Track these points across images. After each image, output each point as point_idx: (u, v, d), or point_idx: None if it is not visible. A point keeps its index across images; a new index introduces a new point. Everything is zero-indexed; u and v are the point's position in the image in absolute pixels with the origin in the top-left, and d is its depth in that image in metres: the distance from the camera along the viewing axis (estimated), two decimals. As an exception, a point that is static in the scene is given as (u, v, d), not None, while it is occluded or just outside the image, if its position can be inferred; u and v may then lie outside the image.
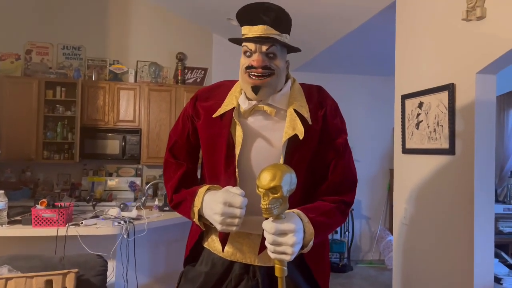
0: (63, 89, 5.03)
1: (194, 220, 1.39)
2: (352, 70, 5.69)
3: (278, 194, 1.13)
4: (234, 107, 1.39)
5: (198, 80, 5.55)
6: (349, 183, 1.43)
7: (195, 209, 1.35)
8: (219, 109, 1.41)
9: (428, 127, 2.50)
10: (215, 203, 1.26)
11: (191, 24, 5.58)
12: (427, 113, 2.51)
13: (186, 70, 5.53)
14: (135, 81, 5.36)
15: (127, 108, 5.15)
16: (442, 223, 2.34)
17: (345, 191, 1.41)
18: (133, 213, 3.05)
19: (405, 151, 2.73)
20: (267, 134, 1.38)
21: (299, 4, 3.58)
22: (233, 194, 1.24)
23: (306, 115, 1.36)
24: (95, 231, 2.74)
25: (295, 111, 1.36)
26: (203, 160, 1.51)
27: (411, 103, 2.68)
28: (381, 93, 5.79)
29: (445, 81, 2.33)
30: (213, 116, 1.40)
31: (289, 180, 1.15)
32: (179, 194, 1.46)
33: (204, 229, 1.42)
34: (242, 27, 1.35)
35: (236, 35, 1.40)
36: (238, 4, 1.35)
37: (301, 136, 1.32)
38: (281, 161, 1.33)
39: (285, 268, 1.19)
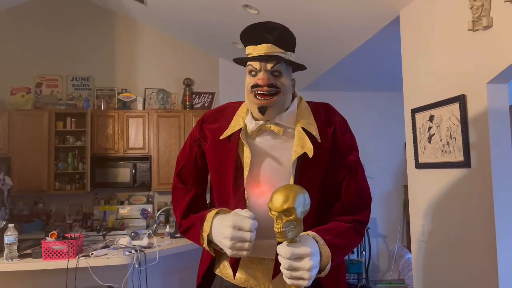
0: (73, 119, 5.08)
1: (203, 246, 1.35)
2: (359, 88, 5.67)
3: (292, 217, 1.08)
4: (241, 128, 1.36)
5: (206, 104, 5.57)
6: (364, 202, 1.38)
7: (204, 235, 1.31)
8: (226, 131, 1.38)
9: (440, 140, 2.44)
10: (224, 227, 1.22)
11: (197, 50, 5.64)
12: (439, 126, 2.45)
13: (194, 95, 5.56)
14: (144, 108, 5.39)
15: (137, 135, 5.17)
16: (462, 238, 2.26)
17: (360, 210, 1.35)
18: (144, 241, 3.00)
19: (419, 166, 2.66)
20: (276, 153, 1.34)
21: (302, 26, 3.60)
22: (242, 217, 1.20)
23: (315, 132, 1.33)
24: (105, 262, 2.69)
25: (303, 129, 1.33)
26: (211, 184, 1.48)
27: (421, 117, 2.63)
28: (389, 109, 5.74)
29: (455, 92, 2.29)
30: (220, 138, 1.38)
31: (302, 201, 1.11)
32: (188, 220, 1.42)
33: (214, 255, 1.38)
34: (246, 47, 1.34)
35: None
36: (243, 28, 1.35)
37: (310, 154, 1.28)
38: (291, 181, 1.29)
39: None
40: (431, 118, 2.52)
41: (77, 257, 2.65)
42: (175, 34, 5.47)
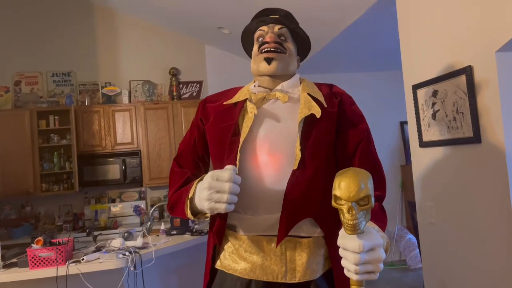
0: (56, 117, 4.86)
1: (187, 214, 1.24)
2: (350, 69, 5.52)
3: (368, 205, 0.93)
4: (246, 99, 1.34)
5: (194, 94, 5.38)
6: (380, 175, 1.30)
7: (188, 201, 1.23)
8: (230, 100, 1.36)
9: (446, 116, 2.30)
10: (204, 182, 1.16)
11: (181, 38, 5.42)
12: (444, 101, 2.31)
13: (181, 85, 5.36)
14: (130, 101, 5.19)
15: (124, 130, 4.98)
16: (474, 218, 2.13)
17: (379, 185, 1.26)
18: (138, 241, 2.84)
19: (423, 144, 2.53)
20: (281, 120, 1.30)
21: (291, 6, 3.41)
22: (224, 169, 1.12)
23: (321, 99, 1.31)
24: (98, 267, 2.53)
25: (309, 95, 1.31)
26: (212, 163, 1.41)
27: (423, 93, 2.48)
28: (382, 88, 5.60)
29: (461, 64, 2.14)
30: (224, 103, 1.35)
31: (372, 186, 0.96)
32: (176, 194, 1.34)
33: (193, 218, 1.27)
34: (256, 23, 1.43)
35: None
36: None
37: (318, 115, 1.24)
38: (297, 143, 1.22)
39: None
40: (435, 93, 2.38)
41: (66, 263, 2.48)
42: (156, 21, 5.24)
